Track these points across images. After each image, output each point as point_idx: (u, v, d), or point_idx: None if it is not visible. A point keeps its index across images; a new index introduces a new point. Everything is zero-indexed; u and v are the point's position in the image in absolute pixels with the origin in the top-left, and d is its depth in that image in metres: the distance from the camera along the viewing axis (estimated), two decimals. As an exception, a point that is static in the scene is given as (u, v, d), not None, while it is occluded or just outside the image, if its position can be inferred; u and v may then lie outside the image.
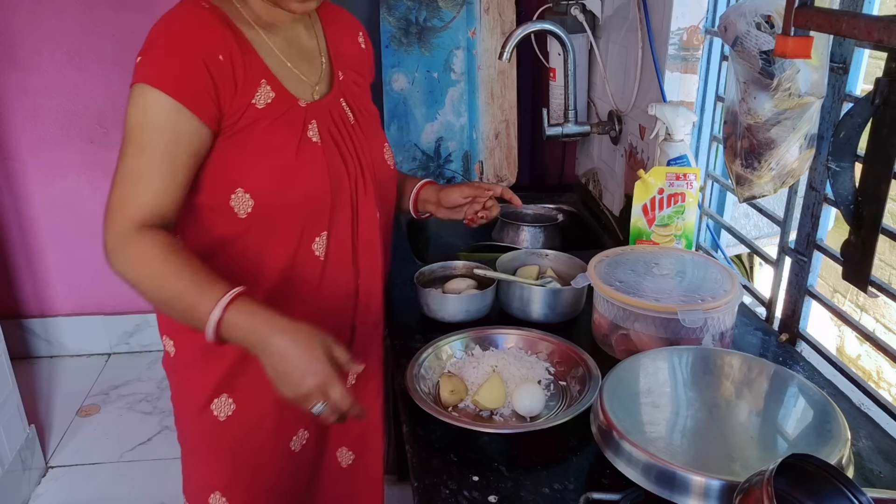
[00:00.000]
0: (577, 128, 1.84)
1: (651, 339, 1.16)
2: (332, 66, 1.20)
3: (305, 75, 1.14)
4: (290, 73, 1.11)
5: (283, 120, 1.07)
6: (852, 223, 1.03)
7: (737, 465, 0.84)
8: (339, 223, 1.15)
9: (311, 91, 1.14)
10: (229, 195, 1.05)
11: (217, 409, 1.16)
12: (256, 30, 1.09)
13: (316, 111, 1.12)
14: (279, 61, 1.10)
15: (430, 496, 0.92)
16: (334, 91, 1.17)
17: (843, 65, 1.10)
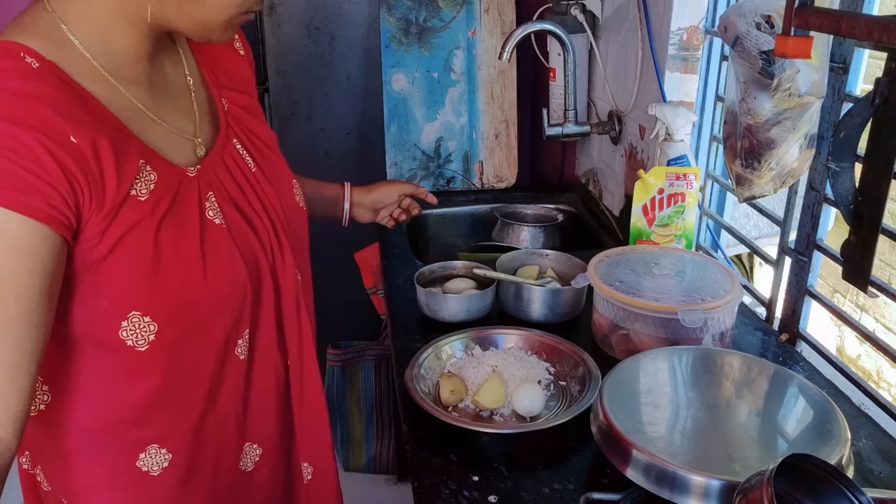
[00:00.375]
0: (577, 128, 1.84)
1: (651, 339, 1.16)
2: (212, 94, 0.94)
3: (183, 129, 0.87)
4: (165, 135, 0.84)
5: (175, 212, 0.80)
6: (852, 223, 1.04)
7: (737, 465, 0.84)
8: (263, 312, 0.93)
9: (194, 147, 0.87)
10: (119, 323, 0.78)
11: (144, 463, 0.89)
12: (111, 83, 0.79)
13: (208, 177, 0.87)
14: (148, 122, 0.82)
15: (430, 496, 0.92)
16: (222, 133, 0.92)
17: (843, 65, 1.10)
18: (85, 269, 0.76)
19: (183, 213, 0.82)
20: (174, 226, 0.80)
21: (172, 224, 0.80)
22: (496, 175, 2.18)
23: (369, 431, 2.33)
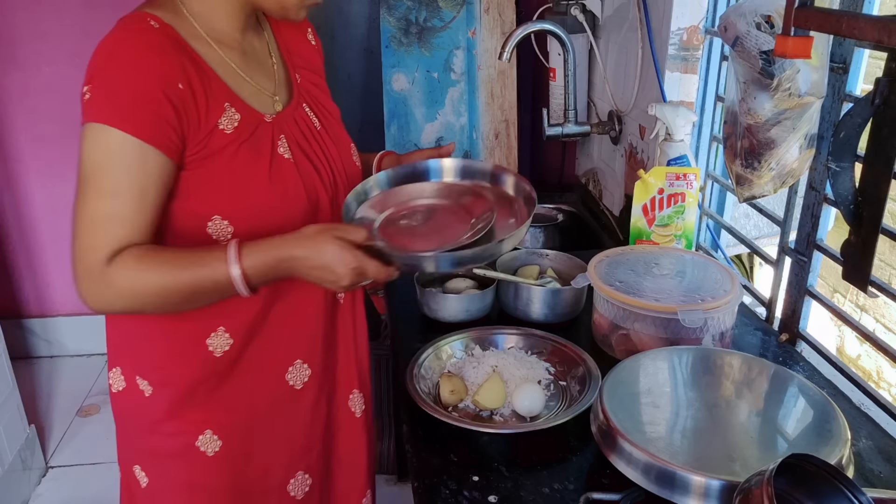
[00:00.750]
0: (577, 128, 1.84)
1: (651, 339, 1.16)
2: (288, 69, 1.14)
3: (265, 87, 1.07)
4: (250, 89, 1.05)
5: (251, 142, 1.01)
6: (852, 223, 1.04)
7: (737, 465, 0.84)
8: None
9: (272, 103, 1.08)
10: (206, 223, 1.00)
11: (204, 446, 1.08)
12: (212, 46, 1.01)
13: (282, 124, 1.06)
14: (238, 78, 1.03)
15: (430, 496, 0.92)
16: (295, 98, 1.11)
17: (843, 65, 1.10)
18: (185, 178, 0.98)
19: (258, 145, 1.02)
20: (250, 153, 1.01)
21: (248, 152, 1.01)
22: (496, 175, 2.18)
23: (369, 431, 2.33)
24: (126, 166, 0.92)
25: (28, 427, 2.30)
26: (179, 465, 1.10)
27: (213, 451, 1.09)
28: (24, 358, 2.95)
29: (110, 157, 0.92)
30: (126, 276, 0.92)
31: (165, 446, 1.09)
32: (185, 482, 1.10)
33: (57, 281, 2.93)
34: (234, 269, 0.93)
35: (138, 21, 0.96)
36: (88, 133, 0.92)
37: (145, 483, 1.12)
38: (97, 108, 0.91)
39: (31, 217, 2.84)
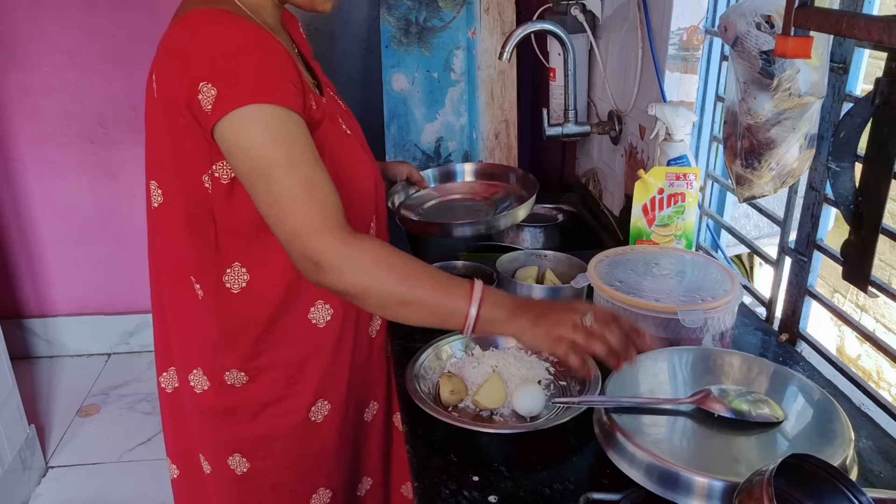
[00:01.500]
0: (577, 128, 1.84)
1: (651, 340, 1.15)
2: (309, 63, 1.21)
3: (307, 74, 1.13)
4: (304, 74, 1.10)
5: (330, 118, 1.07)
6: (852, 223, 1.04)
7: (739, 465, 0.84)
8: (381, 205, 1.23)
9: (316, 88, 1.13)
10: None
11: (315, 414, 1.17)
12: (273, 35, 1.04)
13: (332, 106, 1.14)
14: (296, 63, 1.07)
15: (430, 496, 0.92)
16: (324, 85, 1.18)
17: (843, 65, 1.10)
18: None
19: (334, 122, 1.09)
20: (332, 128, 1.07)
21: (331, 127, 1.07)
22: (496, 175, 2.18)
23: (369, 431, 2.33)
24: (290, 134, 0.92)
25: (28, 427, 2.30)
26: (291, 441, 1.16)
27: (322, 416, 1.18)
28: (24, 358, 2.95)
29: (270, 132, 0.91)
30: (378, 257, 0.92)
31: (274, 427, 1.15)
32: (298, 454, 1.17)
33: (57, 281, 2.93)
34: (473, 309, 0.93)
35: (219, 14, 0.95)
36: (232, 123, 0.91)
37: (245, 469, 1.16)
38: (232, 96, 0.90)
39: (31, 217, 2.84)
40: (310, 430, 1.17)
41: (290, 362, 1.13)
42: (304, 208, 0.91)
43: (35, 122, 2.72)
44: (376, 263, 0.92)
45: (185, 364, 1.15)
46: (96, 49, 2.63)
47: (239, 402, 1.13)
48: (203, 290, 1.09)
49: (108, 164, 2.78)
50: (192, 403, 1.16)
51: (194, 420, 1.18)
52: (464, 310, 0.93)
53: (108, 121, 2.74)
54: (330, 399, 1.18)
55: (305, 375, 1.14)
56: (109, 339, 2.98)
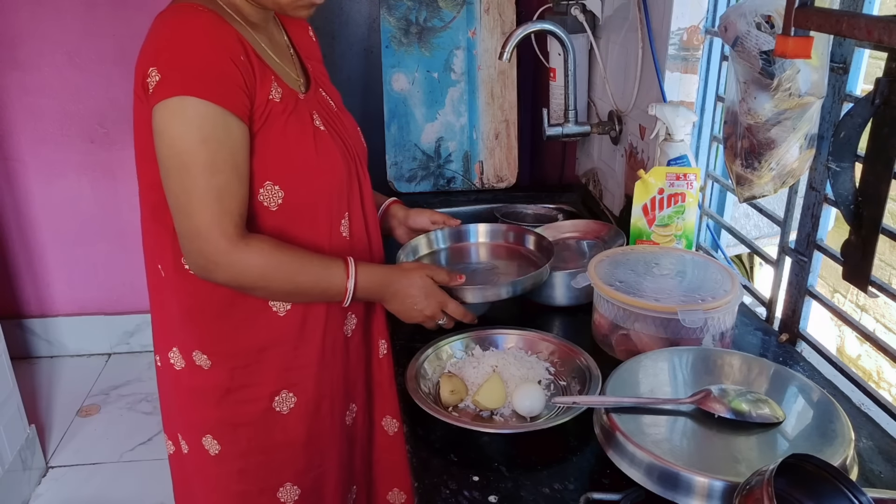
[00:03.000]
0: (577, 128, 1.84)
1: (651, 340, 1.16)
2: (301, 59, 1.24)
3: (290, 71, 1.17)
4: (282, 70, 1.14)
5: (295, 114, 1.10)
6: (852, 223, 1.03)
7: (740, 465, 0.84)
8: (354, 203, 1.22)
9: (299, 85, 1.17)
10: (258, 189, 1.07)
11: (280, 405, 1.19)
12: (248, 30, 1.09)
13: (311, 103, 1.16)
14: (272, 59, 1.12)
15: (430, 496, 0.92)
16: (313, 82, 1.21)
17: (844, 65, 1.10)
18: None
19: (301, 117, 1.11)
20: (296, 124, 1.10)
21: (295, 123, 1.09)
22: (496, 175, 2.18)
23: (369, 431, 2.33)
24: (218, 139, 0.99)
25: (28, 427, 2.30)
26: (257, 429, 1.19)
27: (288, 408, 1.19)
28: (24, 358, 2.95)
29: (201, 130, 0.97)
30: (261, 255, 1.03)
31: (239, 413, 1.18)
32: (264, 444, 1.19)
33: (57, 281, 2.93)
34: (350, 282, 1.11)
35: (187, 8, 1.01)
36: (167, 109, 0.97)
37: (217, 451, 1.19)
38: (172, 83, 0.96)
39: (31, 217, 2.84)
40: (275, 420, 1.19)
41: (251, 349, 1.15)
42: (210, 211, 0.99)
43: (35, 122, 2.72)
44: (264, 261, 1.04)
45: (165, 343, 1.20)
46: (96, 49, 2.63)
47: (207, 385, 1.17)
48: (164, 271, 1.15)
49: (109, 164, 2.78)
50: (172, 381, 1.21)
51: (175, 398, 1.23)
52: (342, 283, 1.11)
53: (109, 121, 2.74)
54: (296, 392, 1.19)
55: (266, 364, 1.16)
56: (109, 339, 2.98)
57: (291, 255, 1.07)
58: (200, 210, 0.99)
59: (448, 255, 1.49)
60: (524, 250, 1.47)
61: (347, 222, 1.21)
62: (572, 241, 1.57)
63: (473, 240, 1.52)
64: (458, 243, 1.50)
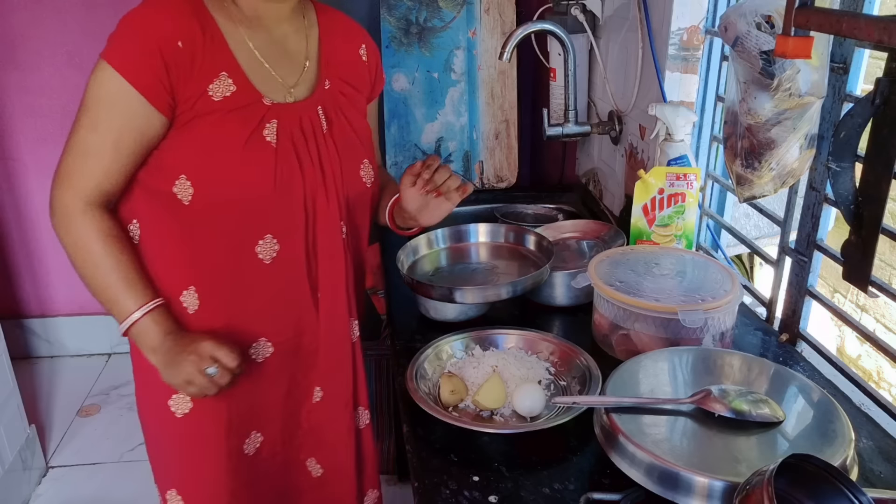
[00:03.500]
0: (577, 128, 1.84)
1: (651, 340, 1.16)
2: (320, 72, 1.17)
3: (282, 76, 1.12)
4: (262, 71, 1.10)
5: (238, 114, 1.06)
6: (852, 223, 1.03)
7: (740, 465, 0.84)
8: (289, 230, 1.12)
9: (285, 93, 1.12)
10: (173, 181, 1.06)
11: (174, 405, 1.17)
12: (235, 24, 1.08)
13: (281, 113, 1.09)
14: (253, 57, 1.09)
15: (431, 496, 0.92)
16: (313, 97, 1.14)
17: (844, 65, 1.10)
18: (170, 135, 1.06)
19: (243, 119, 1.06)
20: (235, 124, 1.05)
21: (234, 123, 1.05)
22: (496, 175, 2.18)
23: (369, 431, 2.33)
24: (109, 103, 1.02)
25: (28, 427, 2.30)
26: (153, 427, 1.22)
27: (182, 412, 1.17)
28: (24, 358, 2.96)
29: (101, 90, 1.02)
30: (84, 233, 1.05)
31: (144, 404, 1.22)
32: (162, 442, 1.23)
33: (57, 281, 2.93)
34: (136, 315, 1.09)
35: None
36: (96, 65, 1.03)
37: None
38: (106, 47, 1.02)
39: (31, 217, 2.84)
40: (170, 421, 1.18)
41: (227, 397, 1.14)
42: (70, 161, 1.04)
43: (35, 122, 2.72)
44: (81, 241, 1.06)
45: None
46: (96, 49, 2.60)
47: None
48: None
49: (109, 164, 2.78)
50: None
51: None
52: (129, 311, 1.09)
53: (109, 121, 2.74)
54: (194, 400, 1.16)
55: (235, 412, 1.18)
56: (109, 339, 2.98)
57: (113, 252, 1.07)
58: (67, 156, 1.05)
59: (448, 254, 1.48)
60: (524, 250, 1.47)
61: (273, 246, 1.12)
62: (572, 241, 1.57)
63: (473, 240, 1.52)
64: (458, 243, 1.50)
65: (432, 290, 1.27)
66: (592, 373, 1.09)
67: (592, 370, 1.09)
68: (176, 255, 1.11)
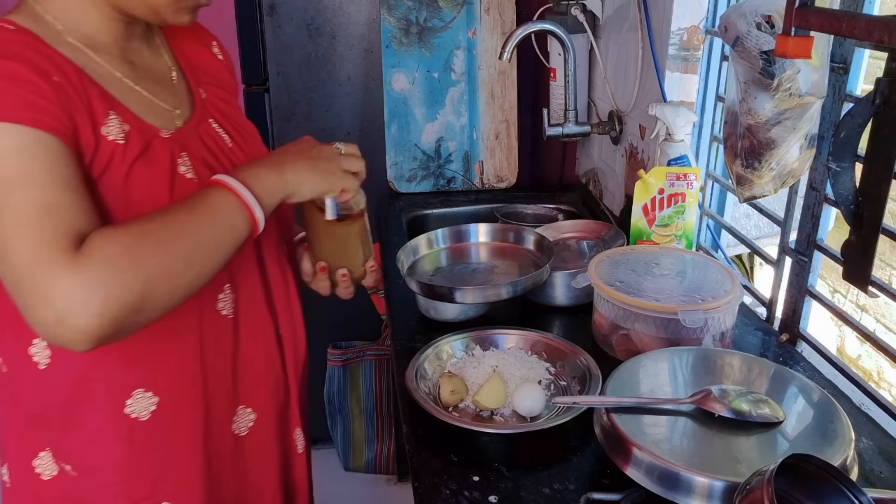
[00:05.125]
0: (577, 128, 1.84)
1: (651, 340, 1.16)
2: (190, 84, 1.01)
3: (162, 100, 0.94)
4: (142, 100, 0.90)
5: (146, 158, 0.85)
6: (852, 223, 1.03)
7: (740, 465, 0.84)
8: (243, 271, 0.97)
9: (172, 118, 0.94)
10: None
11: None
12: (87, 53, 0.86)
13: (183, 141, 0.92)
14: (125, 87, 0.89)
15: (431, 496, 0.92)
16: (198, 112, 0.98)
17: (844, 65, 1.10)
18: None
19: (154, 163, 0.86)
20: (146, 172, 0.85)
21: (144, 170, 0.85)
22: (496, 175, 2.18)
23: (370, 431, 2.33)
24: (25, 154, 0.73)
25: (28, 427, 2.29)
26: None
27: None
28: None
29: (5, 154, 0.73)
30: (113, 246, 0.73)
31: None
32: None
33: (57, 281, 2.92)
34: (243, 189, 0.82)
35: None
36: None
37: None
38: None
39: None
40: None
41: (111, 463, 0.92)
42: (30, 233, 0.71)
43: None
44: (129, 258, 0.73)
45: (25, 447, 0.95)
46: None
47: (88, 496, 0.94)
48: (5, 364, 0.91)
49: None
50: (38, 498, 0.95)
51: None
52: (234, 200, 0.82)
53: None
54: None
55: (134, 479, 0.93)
56: (110, 339, 2.97)
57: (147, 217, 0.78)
58: (17, 240, 0.71)
59: (448, 254, 1.48)
60: (524, 250, 1.47)
61: (231, 296, 0.96)
62: (572, 241, 1.57)
63: (473, 240, 1.52)
64: (458, 243, 1.50)
65: (432, 290, 1.27)
66: (592, 373, 1.09)
67: (592, 370, 1.09)
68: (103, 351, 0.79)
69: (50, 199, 0.73)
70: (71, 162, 0.77)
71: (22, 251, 0.71)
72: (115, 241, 0.74)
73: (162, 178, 0.86)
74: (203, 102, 1.00)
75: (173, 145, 0.90)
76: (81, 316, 0.69)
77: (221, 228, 0.81)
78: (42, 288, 0.70)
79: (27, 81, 0.75)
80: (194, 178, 0.90)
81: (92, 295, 0.69)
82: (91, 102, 0.81)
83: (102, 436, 0.90)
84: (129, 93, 0.89)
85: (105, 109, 0.83)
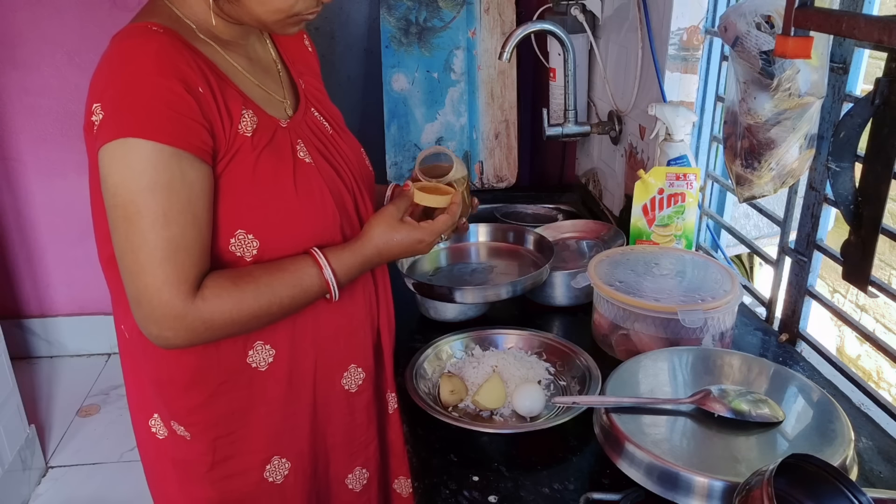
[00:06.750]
0: (577, 128, 1.84)
1: (651, 340, 1.16)
2: (292, 75, 1.10)
3: (273, 92, 1.02)
4: (261, 94, 1.00)
5: (272, 147, 0.95)
6: (852, 223, 1.03)
7: (740, 465, 0.84)
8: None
9: (284, 108, 1.03)
10: (228, 239, 0.92)
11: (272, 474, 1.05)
12: (217, 49, 0.95)
13: (297, 129, 1.01)
14: (249, 82, 0.98)
15: (431, 496, 0.92)
16: (303, 103, 1.06)
17: (843, 65, 1.10)
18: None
19: (279, 150, 0.96)
20: (272, 159, 0.95)
21: (270, 158, 0.95)
22: (496, 175, 2.18)
23: (369, 431, 2.33)
24: (167, 184, 0.84)
25: (28, 427, 2.30)
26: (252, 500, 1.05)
27: (282, 476, 1.05)
28: (24, 358, 2.95)
29: (146, 175, 0.83)
30: (222, 307, 0.89)
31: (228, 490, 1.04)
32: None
33: (57, 281, 2.93)
34: (328, 271, 0.95)
35: (139, 29, 0.88)
36: (112, 153, 0.84)
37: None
38: (116, 123, 0.83)
39: (31, 217, 2.84)
40: (269, 493, 1.04)
41: (233, 414, 1.01)
42: (161, 271, 0.85)
43: (35, 122, 2.71)
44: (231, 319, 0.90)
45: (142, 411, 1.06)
46: (96, 49, 2.60)
47: (190, 457, 1.02)
48: (128, 332, 1.01)
49: (108, 164, 2.77)
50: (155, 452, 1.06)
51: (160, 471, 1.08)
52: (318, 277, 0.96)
53: (108, 121, 2.73)
54: (290, 457, 1.05)
55: (251, 429, 1.02)
56: (109, 339, 2.97)
57: (251, 278, 0.91)
58: (149, 269, 0.85)
59: (448, 254, 1.48)
60: (524, 250, 1.47)
61: None
62: (572, 241, 1.57)
63: (473, 240, 1.52)
64: (457, 243, 1.50)
65: (432, 290, 1.27)
66: (592, 373, 1.09)
67: (592, 370, 1.09)
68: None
69: (178, 239, 0.86)
70: (205, 188, 0.89)
71: (150, 279, 0.86)
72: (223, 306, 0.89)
73: (286, 165, 0.96)
74: (304, 92, 1.09)
75: (291, 133, 1.00)
76: (174, 342, 0.89)
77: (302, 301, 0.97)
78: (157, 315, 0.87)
79: (177, 99, 0.84)
80: (312, 163, 1.00)
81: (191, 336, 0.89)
82: (228, 104, 0.91)
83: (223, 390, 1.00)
84: (253, 87, 0.99)
85: (239, 107, 0.93)
